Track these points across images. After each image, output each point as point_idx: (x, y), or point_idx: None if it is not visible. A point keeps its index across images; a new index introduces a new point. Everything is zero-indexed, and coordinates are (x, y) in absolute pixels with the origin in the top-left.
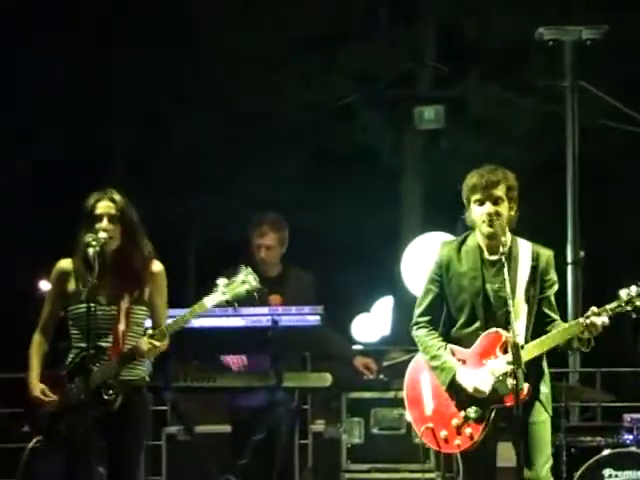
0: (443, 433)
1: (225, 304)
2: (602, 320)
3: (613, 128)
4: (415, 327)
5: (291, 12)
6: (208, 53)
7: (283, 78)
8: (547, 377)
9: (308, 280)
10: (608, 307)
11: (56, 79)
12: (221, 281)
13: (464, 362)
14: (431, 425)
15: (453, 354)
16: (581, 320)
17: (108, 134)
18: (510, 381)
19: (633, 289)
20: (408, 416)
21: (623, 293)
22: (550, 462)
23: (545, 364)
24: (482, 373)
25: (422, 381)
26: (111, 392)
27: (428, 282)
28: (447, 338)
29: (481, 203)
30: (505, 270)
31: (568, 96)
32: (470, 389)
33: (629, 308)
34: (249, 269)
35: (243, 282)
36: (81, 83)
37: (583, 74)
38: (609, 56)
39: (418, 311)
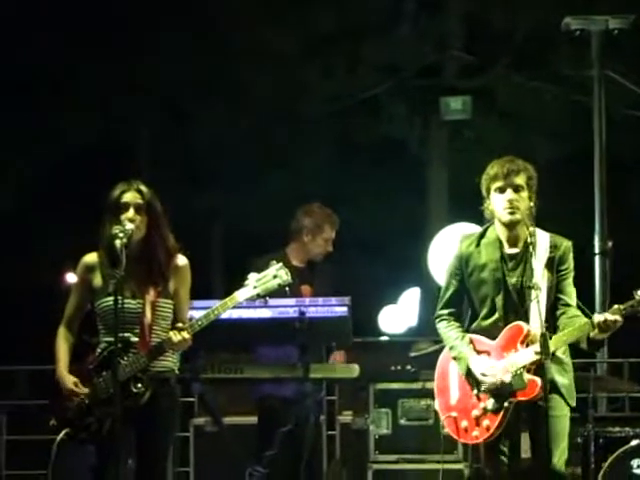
0: (464, 423)
1: (256, 297)
2: (614, 319)
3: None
4: (437, 320)
5: (316, 4)
6: (232, 48)
7: (308, 71)
8: (567, 366)
9: (335, 271)
10: (621, 307)
11: (81, 74)
12: (252, 275)
13: (488, 353)
14: (454, 414)
15: (472, 344)
16: (594, 318)
17: (131, 129)
18: (527, 376)
19: None
20: (436, 404)
21: (636, 294)
22: (565, 455)
23: (564, 355)
24: (496, 363)
25: (450, 371)
26: (140, 386)
27: (449, 276)
28: (471, 330)
29: (502, 191)
30: (533, 260)
31: (595, 86)
32: (478, 376)
33: None
34: (280, 264)
35: (275, 276)
36: (106, 78)
37: (610, 64)
38: (637, 46)
39: (439, 305)
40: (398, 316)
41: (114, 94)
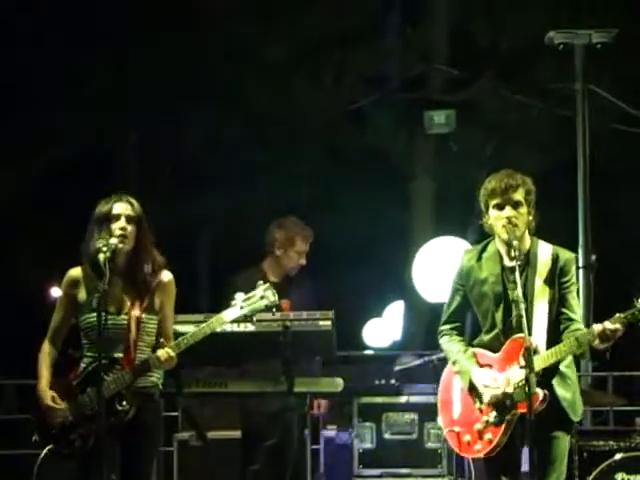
0: (466, 437)
1: (243, 318)
2: (615, 327)
3: (624, 132)
4: (440, 335)
5: (304, 14)
6: (222, 53)
7: (296, 80)
8: (570, 381)
9: (312, 286)
10: (622, 315)
11: (69, 78)
12: (239, 296)
13: (491, 367)
14: (457, 429)
15: (476, 358)
16: (595, 328)
17: (120, 134)
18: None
19: None
20: (439, 419)
21: (638, 302)
22: (562, 478)
23: (569, 368)
24: (498, 375)
25: (453, 386)
26: (125, 403)
27: (451, 291)
28: (474, 344)
29: (500, 207)
30: (517, 274)
31: (578, 100)
32: (480, 387)
33: None
34: (267, 284)
35: (262, 297)
36: (94, 82)
37: (594, 78)
38: (620, 60)
39: (443, 320)
40: (382, 330)
41: (99, 100)
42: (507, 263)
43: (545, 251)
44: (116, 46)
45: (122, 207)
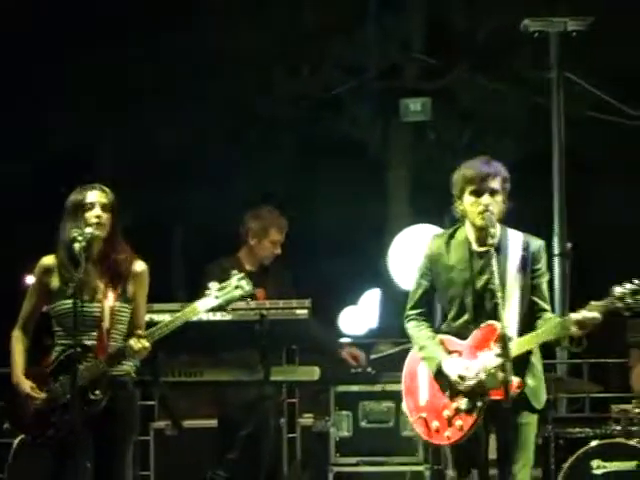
0: (435, 424)
1: (218, 308)
2: (593, 316)
3: (600, 120)
4: (406, 320)
5: (280, 4)
6: (196, 48)
7: (271, 71)
8: (536, 370)
9: (288, 275)
10: (600, 303)
11: (40, 75)
12: (214, 285)
13: (460, 354)
14: (424, 415)
15: (443, 344)
16: (572, 316)
17: (92, 131)
18: (500, 374)
19: (627, 286)
20: (404, 406)
21: (616, 290)
22: (530, 464)
23: (535, 357)
24: (471, 364)
25: (419, 372)
26: (98, 392)
27: (419, 276)
28: (441, 330)
29: (478, 194)
30: (494, 261)
31: (554, 88)
32: (453, 377)
33: (620, 305)
34: (242, 274)
35: (237, 287)
36: (66, 78)
37: (570, 65)
38: (595, 47)
39: (409, 305)
40: (359, 317)
41: (72, 95)
42: (475, 248)
43: (515, 239)
44: (88, 43)
45: (96, 195)
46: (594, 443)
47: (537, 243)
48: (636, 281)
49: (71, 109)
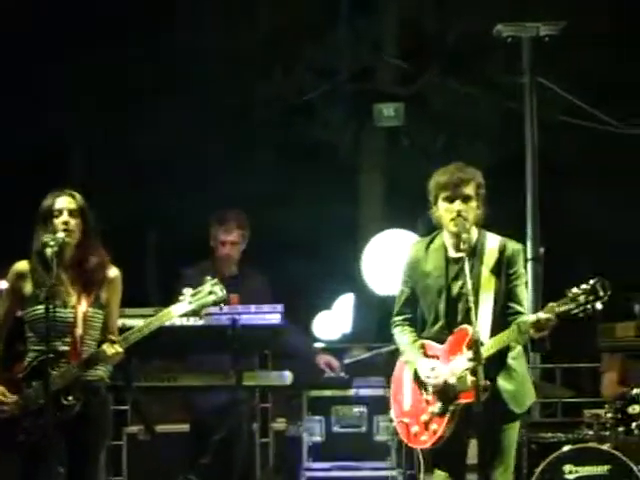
0: (414, 429)
1: (191, 314)
2: (547, 317)
3: (572, 124)
4: (392, 326)
5: (253, 7)
6: (171, 49)
7: (247, 74)
8: (516, 374)
9: (264, 281)
10: (555, 304)
11: (13, 76)
12: (187, 290)
13: (438, 358)
14: (406, 420)
15: (425, 349)
16: (529, 318)
17: (66, 131)
18: (470, 378)
19: (582, 287)
20: (391, 412)
21: (571, 292)
22: (511, 469)
23: (516, 361)
24: (438, 364)
25: (404, 378)
26: (71, 398)
27: (401, 283)
28: (423, 336)
29: (451, 201)
30: (466, 266)
31: (526, 93)
32: (423, 378)
33: (574, 306)
34: (215, 280)
35: (210, 292)
36: (48, 80)
37: (542, 70)
38: (567, 52)
39: (394, 311)
40: (332, 322)
41: (49, 94)
42: (451, 254)
43: (492, 242)
44: (68, 44)
45: (63, 201)
46: (566, 448)
47: (514, 247)
48: (591, 281)
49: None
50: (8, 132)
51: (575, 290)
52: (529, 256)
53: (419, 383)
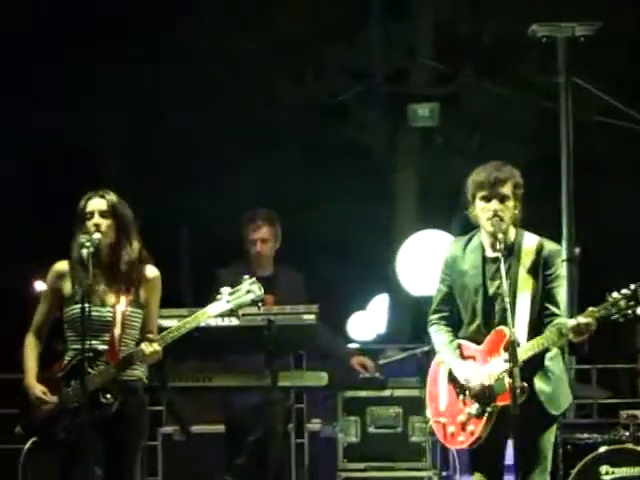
0: (451, 429)
1: (228, 313)
2: (587, 322)
3: (608, 124)
4: (429, 325)
5: (284, 9)
6: (200, 51)
7: (277, 75)
8: (553, 375)
9: (299, 280)
10: (595, 309)
11: (48, 78)
12: (225, 290)
13: (474, 359)
14: (443, 420)
15: (461, 349)
16: (568, 322)
17: (100, 133)
18: (508, 380)
19: (622, 292)
20: (427, 412)
21: (611, 296)
22: (547, 471)
23: (553, 362)
24: (478, 367)
25: (440, 377)
26: (109, 396)
27: (439, 281)
28: (460, 336)
29: (487, 200)
30: (502, 266)
31: (562, 93)
32: (461, 380)
33: (614, 311)
34: (253, 279)
35: (248, 291)
36: (72, 82)
37: (577, 70)
38: (603, 52)
39: (431, 309)
40: (367, 323)
41: (80, 96)
42: (488, 254)
43: (530, 242)
44: (88, 43)
45: (95, 203)
46: (602, 449)
47: (552, 247)
48: (632, 286)
49: (71, 109)
50: (41, 132)
51: (616, 295)
52: (564, 257)
53: (455, 384)
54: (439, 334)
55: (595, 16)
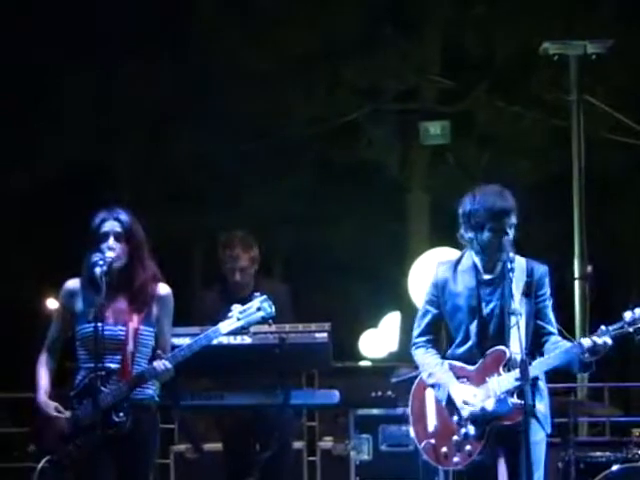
0: (443, 450)
1: (240, 330)
2: (603, 341)
3: (619, 142)
4: (414, 347)
5: (296, 26)
6: (213, 69)
7: (289, 93)
8: (545, 394)
9: (282, 290)
10: (610, 328)
11: (57, 95)
12: (236, 307)
13: (467, 379)
14: (433, 441)
15: (453, 371)
16: (583, 341)
17: (112, 150)
18: (511, 399)
19: (637, 311)
20: (411, 432)
21: (627, 315)
22: None
23: (542, 382)
24: (477, 390)
25: (427, 398)
26: (122, 414)
27: (425, 303)
28: (447, 356)
29: (496, 231)
30: (514, 287)
31: (573, 110)
32: (459, 403)
33: (631, 330)
34: (264, 296)
35: (259, 309)
36: (83, 98)
37: (589, 88)
38: (615, 70)
39: (416, 332)
40: (379, 340)
41: (93, 114)
42: (483, 276)
43: (519, 264)
44: (105, 62)
45: (110, 225)
46: (615, 467)
47: (541, 268)
48: None
49: (87, 127)
50: (57, 149)
51: (631, 313)
52: (576, 275)
53: (451, 406)
54: (428, 356)
55: (606, 34)
